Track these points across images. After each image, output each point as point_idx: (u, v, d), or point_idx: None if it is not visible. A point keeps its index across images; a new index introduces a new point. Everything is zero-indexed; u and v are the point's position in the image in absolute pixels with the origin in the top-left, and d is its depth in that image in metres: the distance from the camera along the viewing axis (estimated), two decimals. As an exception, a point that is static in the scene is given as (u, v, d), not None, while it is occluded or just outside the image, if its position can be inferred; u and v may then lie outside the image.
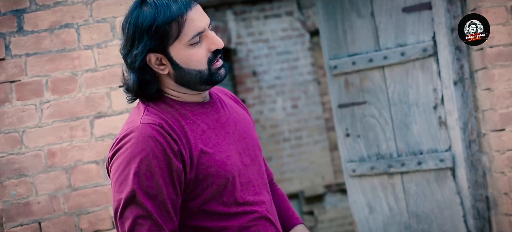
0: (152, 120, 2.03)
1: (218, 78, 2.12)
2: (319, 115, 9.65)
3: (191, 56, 2.07)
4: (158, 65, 2.09)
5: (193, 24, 2.06)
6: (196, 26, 2.06)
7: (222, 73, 2.13)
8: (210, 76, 2.10)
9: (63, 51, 3.61)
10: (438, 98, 4.17)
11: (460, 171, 4.15)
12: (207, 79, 2.10)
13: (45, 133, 3.59)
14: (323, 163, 9.59)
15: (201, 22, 2.07)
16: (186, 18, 2.04)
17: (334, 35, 4.54)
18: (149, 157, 1.98)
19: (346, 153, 4.61)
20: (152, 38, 2.03)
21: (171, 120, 2.07)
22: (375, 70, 4.38)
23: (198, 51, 2.07)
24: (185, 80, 2.10)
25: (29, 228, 3.55)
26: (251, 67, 9.44)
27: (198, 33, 2.06)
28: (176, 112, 2.11)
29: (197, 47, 2.07)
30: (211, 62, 2.09)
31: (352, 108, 4.52)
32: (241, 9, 9.44)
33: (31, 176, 3.57)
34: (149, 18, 2.02)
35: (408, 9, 4.22)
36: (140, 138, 2.00)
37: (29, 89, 3.58)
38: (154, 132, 2.00)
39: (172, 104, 2.13)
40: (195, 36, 2.05)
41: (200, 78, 2.09)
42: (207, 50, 2.09)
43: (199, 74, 2.08)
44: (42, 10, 3.60)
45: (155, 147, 1.99)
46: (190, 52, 2.07)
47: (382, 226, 4.48)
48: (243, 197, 2.15)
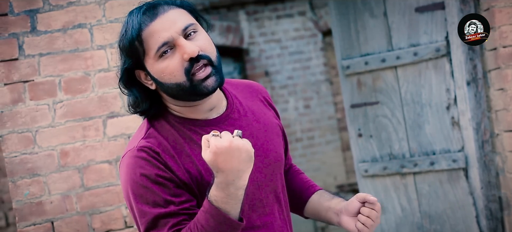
0: (149, 144, 1.99)
1: (203, 90, 1.97)
2: (332, 115, 9.63)
3: (163, 69, 1.96)
4: (146, 80, 2.05)
5: (156, 36, 1.94)
6: (159, 38, 1.94)
7: (209, 84, 1.97)
8: (192, 88, 1.96)
9: (76, 51, 3.62)
10: (451, 98, 4.16)
11: (473, 172, 4.14)
12: (190, 91, 1.97)
13: (58, 132, 3.60)
14: (335, 163, 9.58)
15: (167, 31, 1.94)
16: (148, 33, 1.95)
17: (347, 35, 4.53)
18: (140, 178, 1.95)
19: (358, 153, 4.61)
20: (127, 56, 2.01)
21: (171, 146, 2.01)
22: (387, 70, 4.37)
23: (169, 63, 1.95)
24: (173, 93, 2.01)
25: (42, 227, 3.56)
26: (263, 67, 9.43)
27: (164, 44, 1.94)
28: (180, 134, 2.04)
29: (168, 59, 1.95)
30: (188, 72, 1.94)
31: (364, 108, 4.52)
32: (253, 9, 9.44)
33: (44, 175, 3.58)
34: (121, 38, 2.01)
35: (421, 9, 4.20)
36: (132, 161, 1.97)
37: (42, 89, 3.59)
38: (145, 155, 1.96)
39: (175, 124, 2.06)
40: (160, 47, 1.94)
41: (184, 91, 1.97)
42: (180, 60, 1.95)
43: (178, 87, 1.97)
44: (55, 10, 3.61)
45: (144, 169, 1.95)
46: (161, 65, 1.96)
47: (394, 227, 4.47)
48: (250, 220, 2.07)
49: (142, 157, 1.96)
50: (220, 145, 1.78)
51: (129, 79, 2.06)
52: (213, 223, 1.83)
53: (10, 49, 3.57)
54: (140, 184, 1.94)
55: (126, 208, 3.62)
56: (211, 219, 1.82)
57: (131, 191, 1.97)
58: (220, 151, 1.77)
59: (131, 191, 1.97)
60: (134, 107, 2.09)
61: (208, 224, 1.83)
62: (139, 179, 1.94)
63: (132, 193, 1.97)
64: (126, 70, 2.03)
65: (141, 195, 1.95)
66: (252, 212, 2.08)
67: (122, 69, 2.04)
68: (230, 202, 1.82)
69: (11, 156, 3.56)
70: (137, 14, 1.98)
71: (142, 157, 1.96)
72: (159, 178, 1.94)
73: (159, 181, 1.94)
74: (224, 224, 1.83)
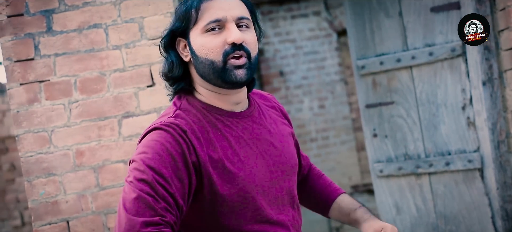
0: (177, 122, 2.02)
1: (232, 77, 2.04)
2: (346, 115, 9.62)
3: (205, 43, 2.04)
4: (183, 51, 2.13)
5: (212, 10, 2.04)
6: (214, 13, 2.04)
7: (239, 74, 2.04)
8: (223, 71, 2.03)
9: (92, 51, 3.63)
10: (467, 98, 4.14)
11: (488, 172, 4.12)
12: (220, 73, 2.03)
13: (73, 132, 3.61)
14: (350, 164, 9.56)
15: (224, 11, 2.04)
16: (208, 5, 2.05)
17: (362, 35, 4.53)
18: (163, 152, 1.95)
19: (373, 154, 4.60)
20: (177, 20, 2.10)
21: (197, 128, 2.05)
22: (403, 70, 4.36)
23: (213, 39, 2.03)
24: (202, 71, 2.08)
25: (57, 226, 3.58)
26: (278, 67, 9.43)
27: (216, 20, 2.03)
28: (205, 120, 2.09)
29: (213, 36, 2.04)
30: (227, 54, 2.03)
31: (379, 108, 4.51)
32: (268, 9, 9.44)
33: (60, 175, 3.59)
34: (181, 3, 2.11)
35: (436, 9, 4.19)
36: (162, 135, 1.98)
37: (58, 89, 3.60)
38: (172, 130, 1.99)
39: (202, 109, 2.11)
40: (210, 22, 2.03)
41: (215, 71, 2.04)
42: (223, 41, 2.03)
43: (211, 65, 2.04)
44: (71, 10, 3.62)
45: (170, 146, 1.96)
46: (205, 39, 2.05)
47: (409, 227, 4.46)
48: (267, 215, 2.12)
49: (168, 131, 1.99)
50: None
51: (170, 43, 2.14)
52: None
53: (26, 49, 3.59)
54: (157, 152, 1.94)
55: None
56: None
57: (143, 154, 1.96)
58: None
59: (142, 155, 1.95)
60: (167, 73, 2.15)
61: None
62: (159, 148, 1.95)
63: (142, 158, 1.95)
64: (171, 32, 2.12)
65: (151, 165, 1.93)
66: (270, 208, 2.14)
67: (170, 29, 2.12)
68: None
69: (27, 156, 3.58)
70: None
71: (168, 131, 1.99)
72: (177, 155, 1.95)
73: (175, 158, 1.95)
74: None
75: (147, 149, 1.96)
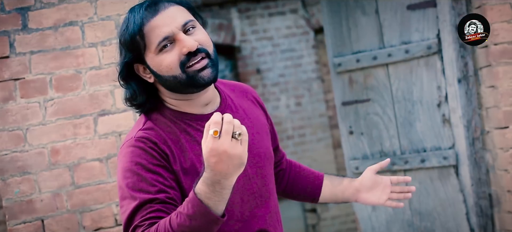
0: (147, 135, 2.06)
1: (199, 80, 2.05)
2: (323, 113, 9.64)
3: (162, 62, 2.04)
4: (144, 74, 2.13)
5: (157, 30, 2.03)
6: (160, 33, 2.03)
7: (206, 75, 2.05)
8: (189, 79, 2.04)
9: (68, 49, 3.61)
10: (442, 95, 4.17)
11: (463, 169, 4.15)
12: (187, 82, 2.05)
13: (48, 130, 3.59)
14: (326, 161, 9.58)
15: (168, 27, 2.03)
16: (149, 27, 2.03)
17: (339, 33, 4.54)
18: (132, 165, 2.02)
19: (349, 151, 4.61)
20: (128, 50, 2.08)
21: (168, 136, 2.08)
22: (379, 68, 4.38)
23: (167, 56, 2.03)
24: (170, 86, 2.09)
25: (32, 225, 3.56)
26: (255, 65, 9.43)
27: (165, 38, 2.03)
28: (176, 127, 2.11)
29: (167, 53, 2.04)
30: (184, 65, 2.03)
31: (355, 106, 4.52)
32: (245, 7, 9.43)
33: (35, 173, 3.57)
34: (122, 33, 2.08)
35: (412, 7, 4.21)
36: (134, 152, 2.03)
37: (33, 87, 3.58)
38: (142, 145, 2.03)
39: (172, 117, 2.13)
40: (161, 42, 2.03)
41: (180, 83, 2.06)
42: (179, 54, 2.03)
43: (175, 80, 2.05)
44: (47, 8, 3.60)
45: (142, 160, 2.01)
46: (160, 58, 2.04)
47: (385, 224, 4.48)
48: (241, 212, 2.14)
49: (139, 147, 2.03)
50: (215, 148, 1.80)
51: (128, 73, 2.13)
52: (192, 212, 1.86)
53: (1, 47, 3.56)
54: (133, 171, 2.01)
55: (117, 206, 3.62)
56: (192, 209, 1.86)
57: (123, 179, 2.03)
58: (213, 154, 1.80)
59: (123, 179, 2.03)
60: (130, 100, 2.15)
61: (188, 212, 1.86)
62: (134, 167, 2.01)
63: (123, 181, 2.03)
64: (126, 64, 2.10)
65: (133, 183, 2.00)
66: (243, 204, 2.15)
67: (122, 63, 2.11)
68: (213, 198, 1.86)
69: (2, 154, 3.56)
70: (139, 10, 2.07)
71: (139, 146, 2.04)
72: (154, 166, 2.01)
73: (152, 169, 2.00)
74: (204, 217, 1.86)
75: (124, 173, 2.04)
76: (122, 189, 2.04)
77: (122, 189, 2.03)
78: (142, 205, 1.97)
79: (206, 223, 1.87)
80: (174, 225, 1.87)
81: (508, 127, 3.93)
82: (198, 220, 1.86)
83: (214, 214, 1.86)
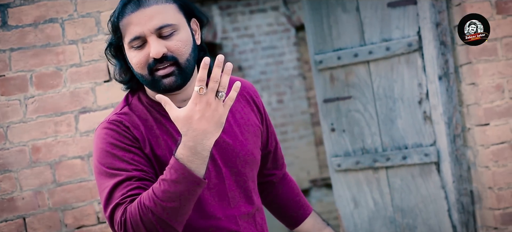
0: (120, 118, 2.09)
1: (161, 86, 2.05)
2: (305, 110, 9.66)
3: (132, 58, 2.06)
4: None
5: (130, 28, 2.04)
6: (132, 31, 2.03)
7: (166, 83, 2.03)
8: (152, 82, 2.06)
9: (48, 46, 3.60)
10: (423, 92, 4.18)
11: (444, 166, 4.17)
12: (150, 84, 2.07)
13: (29, 128, 3.57)
14: (308, 158, 9.61)
15: (140, 27, 2.02)
16: (125, 22, 2.05)
17: (320, 30, 4.54)
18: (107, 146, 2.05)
19: (331, 148, 4.62)
20: (112, 33, 2.11)
21: (142, 124, 2.10)
22: (360, 65, 4.39)
23: (136, 55, 2.05)
24: (140, 80, 2.12)
25: (13, 223, 3.54)
26: (236, 62, 9.43)
27: (135, 38, 2.03)
28: (151, 116, 2.13)
29: (136, 51, 2.05)
30: (150, 68, 2.03)
31: (337, 103, 4.53)
32: (226, 4, 9.43)
33: (16, 171, 3.55)
34: (110, 16, 2.11)
35: (393, 4, 4.22)
36: (107, 133, 2.07)
37: (13, 84, 3.56)
38: (115, 127, 2.07)
39: (148, 106, 2.14)
40: (131, 40, 2.04)
41: (145, 82, 2.08)
42: (147, 56, 2.03)
43: (142, 78, 2.07)
44: (26, 4, 3.58)
45: (115, 140, 2.04)
46: (130, 54, 2.06)
47: (367, 221, 4.49)
48: (213, 210, 2.13)
49: (112, 129, 2.07)
50: (199, 102, 1.83)
51: (117, 50, 2.15)
52: (176, 177, 1.87)
53: (-20, 44, 3.54)
54: (108, 151, 2.04)
55: (99, 204, 3.61)
56: (175, 173, 1.87)
57: (98, 159, 2.06)
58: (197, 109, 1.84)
59: (98, 159, 2.06)
60: (117, 77, 2.19)
61: (171, 178, 1.88)
62: (109, 148, 2.04)
63: (99, 161, 2.05)
64: (110, 44, 2.14)
65: (110, 162, 2.03)
66: (216, 203, 2.14)
67: (108, 42, 2.14)
68: (195, 161, 1.87)
69: (-18, 152, 3.54)
70: (123, 1, 2.09)
71: (111, 128, 2.07)
72: (127, 146, 2.04)
73: (127, 149, 2.03)
74: (188, 180, 1.87)
75: (99, 153, 2.06)
76: (98, 169, 2.05)
77: (99, 169, 2.05)
78: (121, 182, 1.98)
79: (190, 186, 1.88)
80: (158, 193, 1.88)
81: (488, 124, 3.95)
82: (183, 183, 1.87)
83: (197, 176, 1.88)
